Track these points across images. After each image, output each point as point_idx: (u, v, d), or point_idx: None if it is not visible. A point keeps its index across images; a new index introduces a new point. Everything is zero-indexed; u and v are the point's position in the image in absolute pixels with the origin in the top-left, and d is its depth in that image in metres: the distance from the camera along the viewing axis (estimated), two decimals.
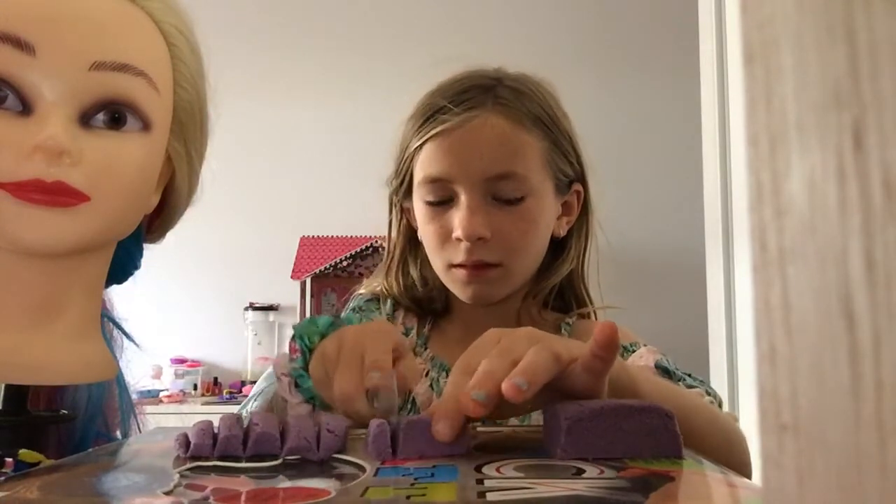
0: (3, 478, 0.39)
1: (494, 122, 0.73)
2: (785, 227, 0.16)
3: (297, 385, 0.61)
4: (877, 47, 0.14)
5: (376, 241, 2.72)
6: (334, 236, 2.84)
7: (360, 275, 2.75)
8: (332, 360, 0.56)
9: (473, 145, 0.73)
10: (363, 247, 2.75)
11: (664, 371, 0.70)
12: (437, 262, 0.77)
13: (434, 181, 0.74)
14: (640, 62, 2.92)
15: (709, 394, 0.68)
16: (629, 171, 2.73)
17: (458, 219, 0.73)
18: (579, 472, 0.38)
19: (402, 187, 0.80)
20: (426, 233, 0.77)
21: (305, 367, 0.61)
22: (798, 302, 0.16)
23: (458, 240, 0.73)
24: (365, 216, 2.91)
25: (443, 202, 0.75)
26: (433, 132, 0.74)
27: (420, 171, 0.76)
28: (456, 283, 0.76)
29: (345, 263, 2.77)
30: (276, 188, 2.91)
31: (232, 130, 1.36)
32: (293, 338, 0.63)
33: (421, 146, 0.75)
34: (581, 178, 0.81)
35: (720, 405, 0.69)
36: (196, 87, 0.56)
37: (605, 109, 2.77)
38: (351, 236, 2.82)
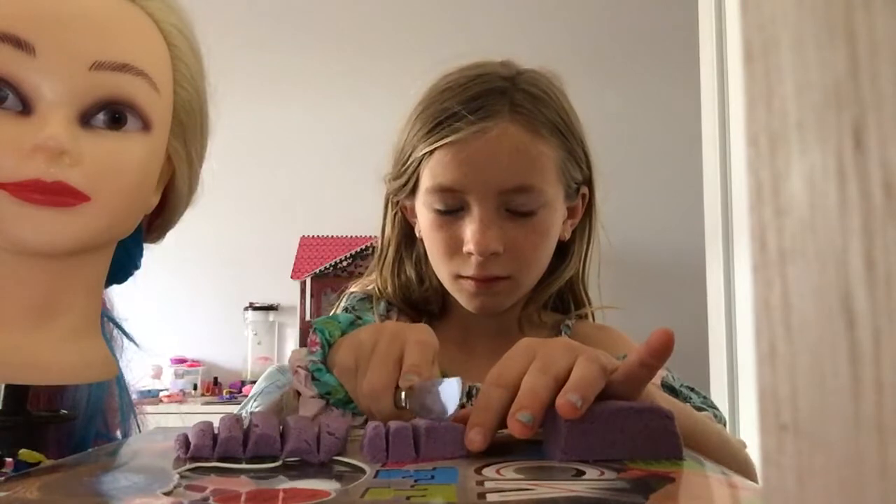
0: (3, 478, 0.39)
1: (512, 133, 0.70)
2: (785, 227, 0.16)
3: (313, 378, 0.61)
4: (877, 47, 0.14)
5: (376, 241, 2.71)
6: (334, 236, 2.84)
7: (360, 275, 2.74)
8: (367, 351, 0.56)
9: (490, 157, 0.70)
10: (363, 247, 2.74)
11: (670, 390, 0.69)
12: (442, 271, 0.75)
13: (445, 191, 0.71)
14: (639, 62, 2.92)
15: (716, 416, 0.68)
16: (629, 171, 2.73)
17: (470, 232, 0.70)
18: (579, 474, 0.38)
19: (406, 189, 0.76)
20: (433, 241, 0.74)
21: (323, 362, 0.61)
22: (798, 302, 0.16)
23: (470, 254, 0.71)
24: (365, 216, 2.89)
25: (452, 211, 0.72)
26: (445, 140, 0.70)
27: (429, 178, 0.72)
28: (462, 294, 0.74)
29: (345, 263, 2.77)
30: (276, 188, 2.91)
31: (232, 130, 1.36)
32: (313, 331, 0.62)
33: (431, 152, 0.72)
34: (588, 182, 0.79)
35: (725, 425, 0.68)
36: (196, 87, 0.56)
37: (604, 109, 2.76)
38: (351, 236, 2.82)
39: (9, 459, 0.49)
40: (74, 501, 0.34)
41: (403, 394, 0.52)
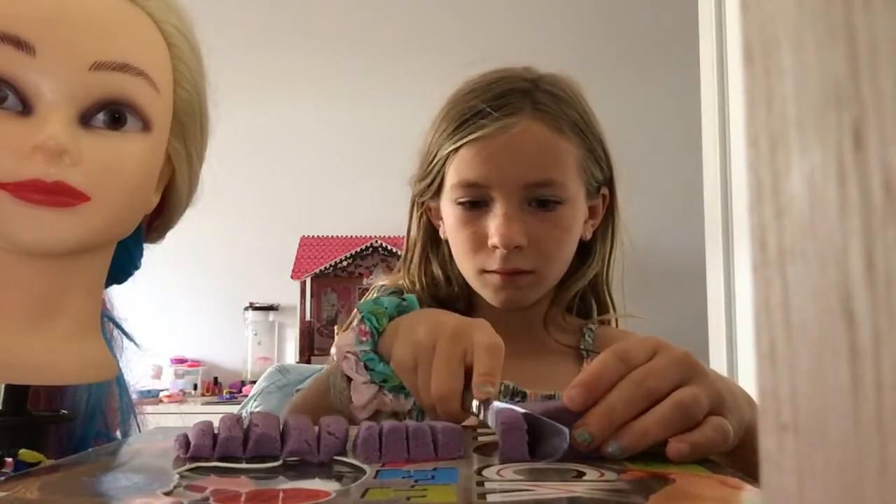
0: (3, 478, 0.39)
1: (535, 129, 0.72)
2: (785, 227, 0.16)
3: (366, 367, 0.61)
4: (877, 47, 0.14)
5: (376, 241, 2.72)
6: (334, 236, 2.84)
7: (360, 275, 2.75)
8: (426, 350, 0.54)
9: (514, 152, 0.72)
10: (363, 247, 2.74)
11: None
12: (467, 267, 0.76)
13: (470, 186, 0.73)
14: (640, 62, 2.92)
15: None
16: (629, 171, 2.72)
17: (494, 226, 0.72)
18: (580, 475, 0.38)
19: (431, 189, 0.78)
20: (458, 237, 0.76)
21: (374, 350, 0.61)
22: (798, 302, 0.16)
23: (494, 247, 0.72)
24: (365, 216, 2.91)
25: (476, 207, 0.74)
26: (471, 137, 0.72)
27: (455, 174, 0.74)
28: (487, 288, 0.75)
29: (345, 263, 2.77)
30: (276, 188, 2.91)
31: (232, 130, 1.35)
32: (361, 319, 0.62)
33: (457, 150, 0.74)
34: (609, 182, 0.81)
35: None
36: (196, 87, 0.56)
37: (604, 109, 2.76)
38: (351, 236, 2.82)
39: (9, 459, 0.49)
40: (74, 501, 0.34)
41: (476, 402, 0.50)
